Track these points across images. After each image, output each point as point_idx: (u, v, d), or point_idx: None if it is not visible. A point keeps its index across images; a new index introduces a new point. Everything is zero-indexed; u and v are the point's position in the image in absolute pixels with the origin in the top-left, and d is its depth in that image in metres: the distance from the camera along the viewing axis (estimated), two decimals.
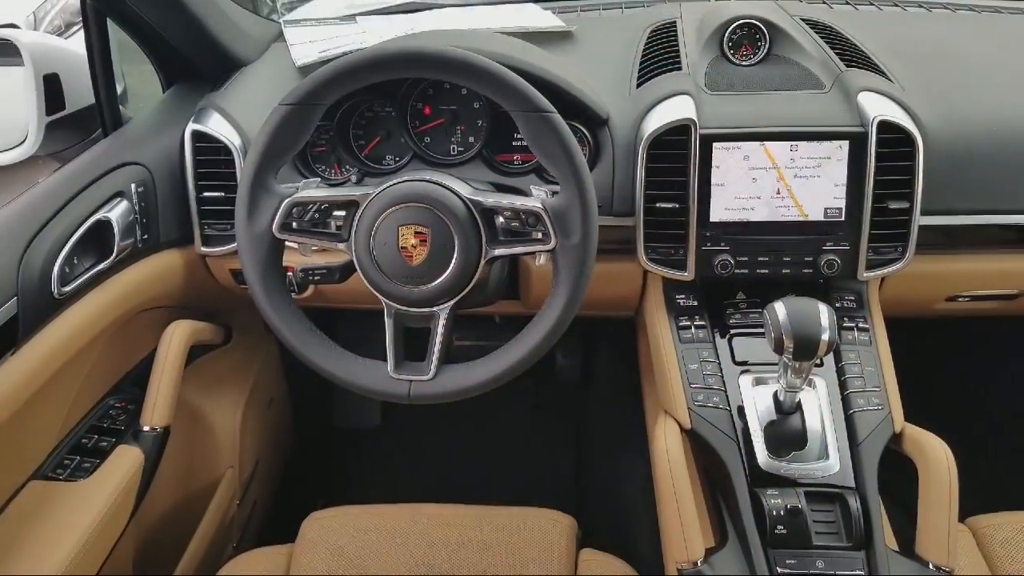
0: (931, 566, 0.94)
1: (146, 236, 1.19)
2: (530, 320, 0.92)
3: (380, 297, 0.94)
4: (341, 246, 0.95)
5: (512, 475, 1.81)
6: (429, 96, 1.20)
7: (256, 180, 0.93)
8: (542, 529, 1.14)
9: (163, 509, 1.36)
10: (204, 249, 1.24)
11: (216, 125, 1.20)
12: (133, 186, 1.16)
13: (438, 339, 0.93)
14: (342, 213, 0.94)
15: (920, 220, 1.08)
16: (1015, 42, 1.31)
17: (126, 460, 1.18)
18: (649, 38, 1.31)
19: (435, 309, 0.93)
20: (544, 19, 1.36)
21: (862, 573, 0.92)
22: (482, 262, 0.92)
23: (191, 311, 1.41)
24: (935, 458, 0.97)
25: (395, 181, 0.93)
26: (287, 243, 0.96)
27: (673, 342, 1.12)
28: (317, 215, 0.94)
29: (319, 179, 1.05)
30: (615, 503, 1.58)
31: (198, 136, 1.20)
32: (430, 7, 1.49)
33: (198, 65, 1.31)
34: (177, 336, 1.28)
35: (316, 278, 1.06)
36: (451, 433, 1.91)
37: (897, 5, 1.43)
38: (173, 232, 1.23)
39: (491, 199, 0.92)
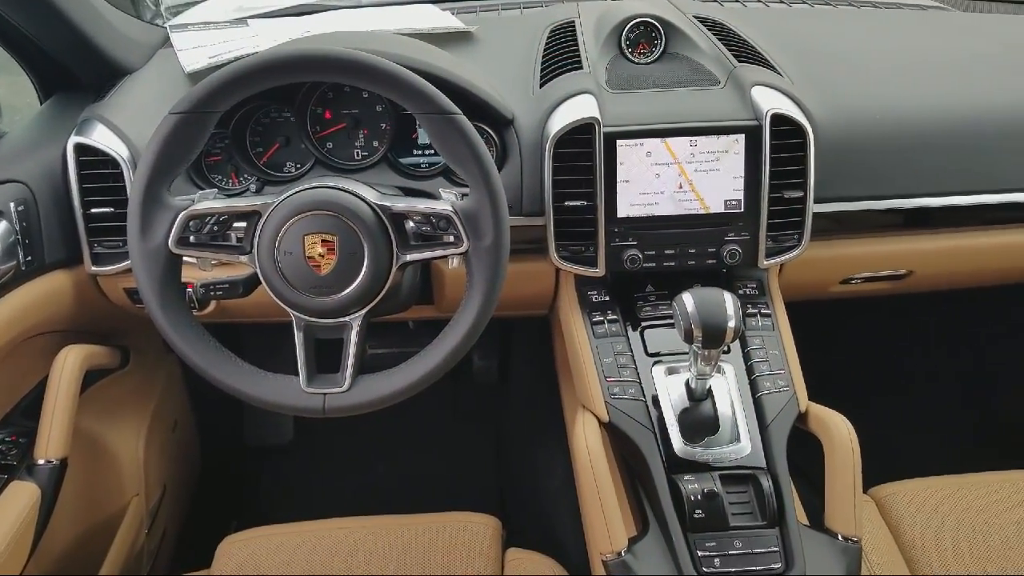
0: (840, 537, 0.98)
1: (30, 258, 1.11)
2: (446, 324, 0.91)
3: (288, 310, 0.91)
4: (243, 259, 0.91)
5: (433, 482, 1.80)
6: (329, 100, 1.17)
7: (148, 194, 0.88)
8: (466, 533, 1.13)
9: (65, 545, 1.28)
10: (95, 268, 1.17)
11: (101, 137, 1.13)
12: (12, 205, 1.08)
13: (351, 349, 0.91)
14: (243, 224, 0.91)
15: (814, 208, 1.13)
16: (892, 35, 1.39)
17: (20, 497, 1.11)
18: (549, 38, 1.32)
19: (347, 319, 0.91)
20: (443, 20, 1.35)
21: (776, 549, 0.95)
22: (393, 268, 0.90)
23: (84, 334, 1.33)
24: (838, 434, 1.01)
25: (298, 189, 0.90)
26: (185, 258, 0.92)
27: (587, 337, 1.14)
28: (216, 227, 0.91)
29: (216, 190, 1.01)
30: (538, 500, 1.59)
31: (82, 149, 1.13)
32: (325, 9, 1.45)
33: (78, 74, 1.24)
34: (70, 362, 1.21)
35: (218, 293, 1.02)
36: (369, 444, 1.87)
37: (783, 2, 1.49)
38: (59, 252, 1.16)
39: (400, 204, 0.91)
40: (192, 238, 0.90)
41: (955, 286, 1.49)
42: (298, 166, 1.19)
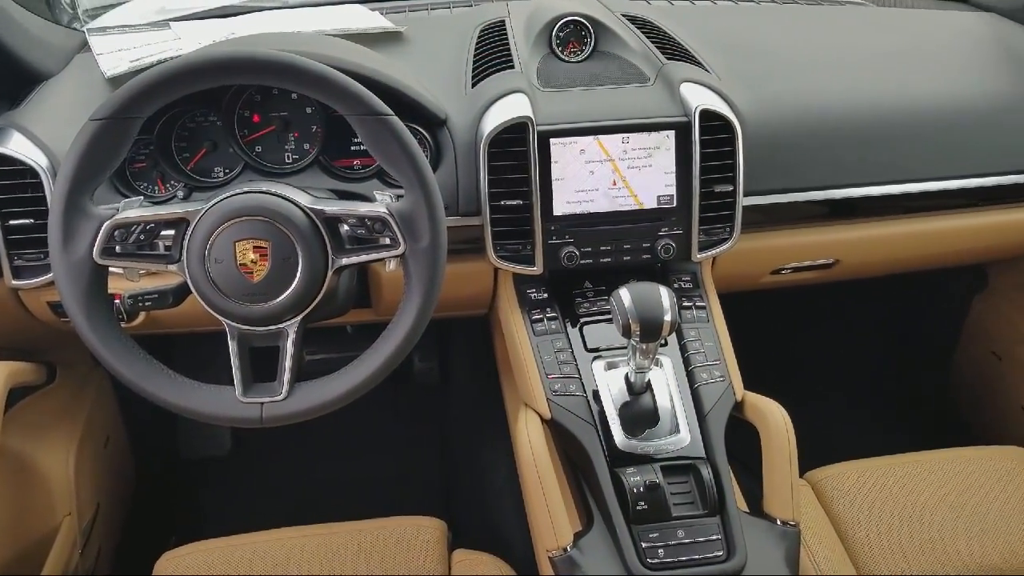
0: (778, 522, 1.01)
1: None
2: (385, 327, 0.90)
3: (221, 318, 0.89)
4: (172, 268, 0.89)
5: (377, 486, 1.78)
6: (257, 103, 1.15)
7: (69, 203, 0.85)
8: (412, 537, 1.13)
9: None
10: (15, 282, 1.12)
11: (17, 146, 1.09)
12: None
13: (288, 356, 0.89)
14: (171, 232, 0.88)
15: (743, 201, 1.16)
16: (814, 30, 1.44)
17: None
18: (480, 37, 1.32)
19: (282, 326, 0.89)
20: (372, 20, 1.34)
21: (718, 537, 0.97)
22: (329, 273, 0.89)
23: (6, 351, 1.28)
24: (773, 421, 1.04)
25: (227, 194, 0.88)
26: (111, 269, 0.89)
27: (528, 335, 1.14)
28: (142, 236, 0.88)
29: (141, 197, 0.98)
30: (483, 501, 1.59)
31: None
32: (251, 11, 1.42)
33: None
34: None
35: (147, 304, 0.99)
36: (309, 451, 1.84)
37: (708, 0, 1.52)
38: None
39: (333, 207, 0.89)
40: (118, 248, 0.87)
41: (879, 273, 1.55)
42: (227, 171, 1.16)
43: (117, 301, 1.00)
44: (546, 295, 1.18)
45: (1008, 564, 1.12)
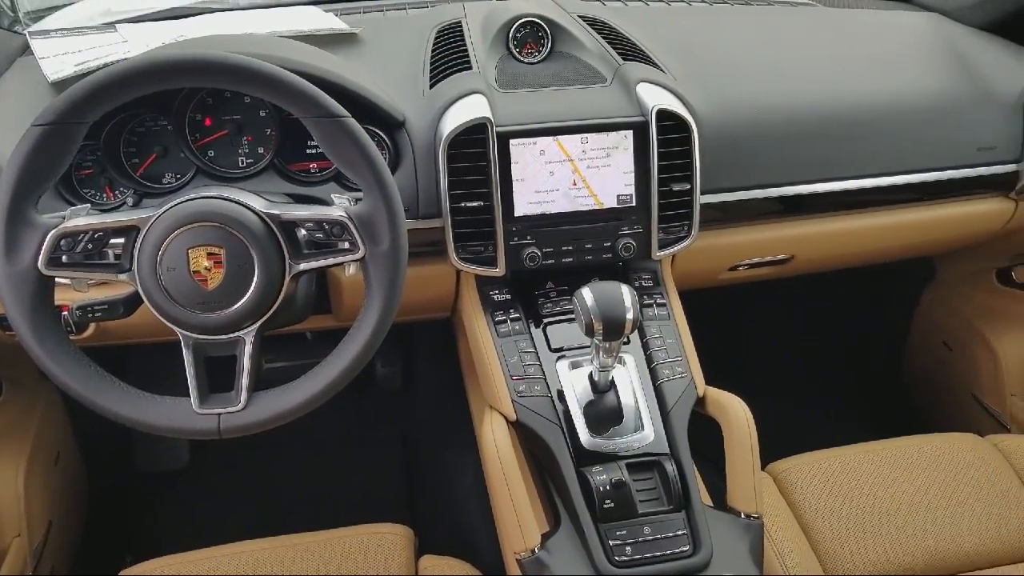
0: (742, 515, 1.02)
1: None
2: (345, 333, 0.89)
3: (174, 328, 0.87)
4: (123, 277, 0.86)
5: (342, 495, 1.76)
6: (208, 106, 1.12)
7: (12, 212, 0.82)
8: (378, 545, 1.11)
9: None
10: None
11: None
12: None
13: (246, 365, 0.87)
14: (120, 240, 0.86)
15: (701, 199, 1.17)
16: (766, 31, 1.46)
17: None
18: (437, 38, 1.31)
19: (239, 334, 0.87)
20: (327, 21, 1.32)
21: (684, 532, 0.98)
22: (286, 279, 0.87)
23: None
24: (735, 416, 1.05)
25: (179, 200, 0.86)
26: (58, 279, 0.86)
27: (491, 337, 1.14)
28: (90, 245, 0.85)
29: (89, 205, 0.95)
30: (450, 505, 1.58)
31: None
32: (200, 12, 1.39)
33: None
34: None
35: (97, 315, 0.96)
36: (271, 462, 1.81)
37: (663, 1, 1.54)
38: None
39: (289, 211, 0.88)
40: (64, 258, 0.84)
41: (833, 268, 1.58)
42: (178, 177, 1.13)
43: (65, 313, 0.97)
44: (509, 296, 1.18)
45: (966, 549, 1.14)
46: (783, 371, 2.07)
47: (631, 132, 1.14)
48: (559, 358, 1.12)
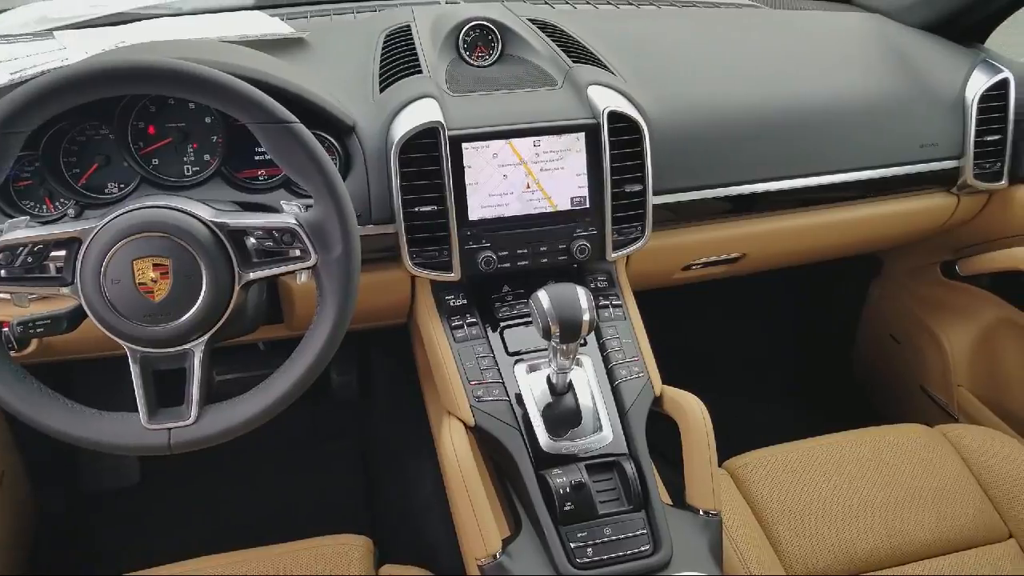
0: (701, 512, 1.03)
1: None
2: (298, 343, 0.88)
3: (120, 342, 0.84)
4: (65, 291, 0.84)
5: (300, 508, 1.73)
6: (152, 114, 1.09)
7: None
8: (337, 556, 1.10)
9: None
10: None
11: None
12: None
13: (196, 378, 0.85)
14: (62, 253, 0.83)
15: (653, 200, 1.18)
16: (713, 33, 1.48)
17: None
18: (386, 42, 1.30)
19: (188, 346, 0.85)
20: (272, 26, 1.30)
21: (644, 531, 0.98)
22: (236, 289, 0.85)
23: None
24: (691, 414, 1.06)
25: (122, 211, 0.83)
26: None
27: (448, 342, 1.13)
28: (30, 259, 0.82)
29: (28, 217, 0.92)
30: (409, 514, 1.57)
31: None
32: (142, 18, 1.36)
33: None
34: None
35: (39, 330, 0.93)
36: (225, 475, 1.77)
37: (610, 3, 1.55)
38: None
39: (238, 219, 0.86)
40: (3, 272, 0.82)
41: (783, 265, 1.61)
42: (122, 186, 1.10)
43: (5, 329, 0.94)
44: (465, 301, 1.17)
45: (920, 538, 1.17)
46: (738, 368, 2.10)
47: (583, 134, 1.14)
48: (517, 362, 1.12)
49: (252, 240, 0.86)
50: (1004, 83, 1.39)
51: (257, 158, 1.13)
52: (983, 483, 1.24)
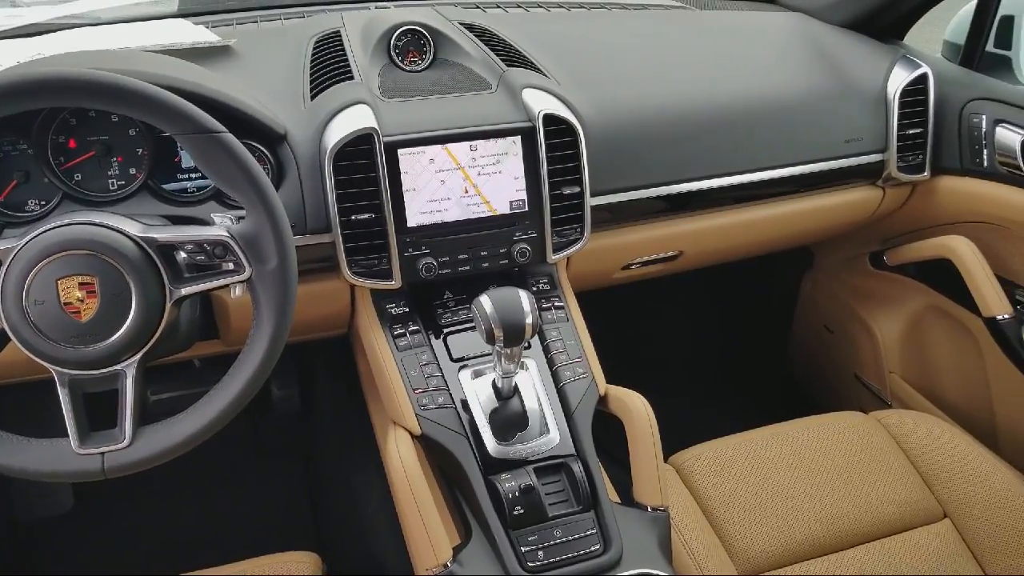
0: (649, 509, 1.04)
1: None
2: (235, 358, 0.85)
3: (47, 365, 0.81)
4: None
5: (245, 526, 1.68)
6: (72, 127, 1.05)
7: None
8: (285, 574, 1.07)
9: None
10: None
11: None
12: None
13: (128, 399, 0.82)
14: None
15: (591, 201, 1.19)
16: (644, 34, 1.50)
17: None
18: (315, 48, 1.28)
19: (119, 367, 0.82)
20: (197, 34, 1.26)
21: (594, 531, 0.99)
22: (168, 305, 0.83)
23: None
24: (636, 411, 1.07)
25: (44, 228, 0.80)
26: None
27: (391, 352, 1.11)
28: None
29: None
30: (357, 527, 1.55)
31: None
32: (60, 28, 1.31)
33: None
34: None
35: None
36: (164, 496, 1.72)
37: (541, 7, 1.56)
38: None
39: (167, 234, 0.83)
40: None
41: (720, 261, 1.64)
42: (43, 203, 1.06)
43: None
44: (407, 309, 1.16)
45: (860, 522, 1.20)
46: (679, 364, 2.13)
47: (519, 138, 1.14)
48: (461, 368, 1.11)
49: (183, 254, 0.84)
50: (923, 78, 1.45)
51: (185, 170, 1.10)
52: (917, 466, 1.28)
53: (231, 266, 0.84)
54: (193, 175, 1.10)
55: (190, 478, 1.70)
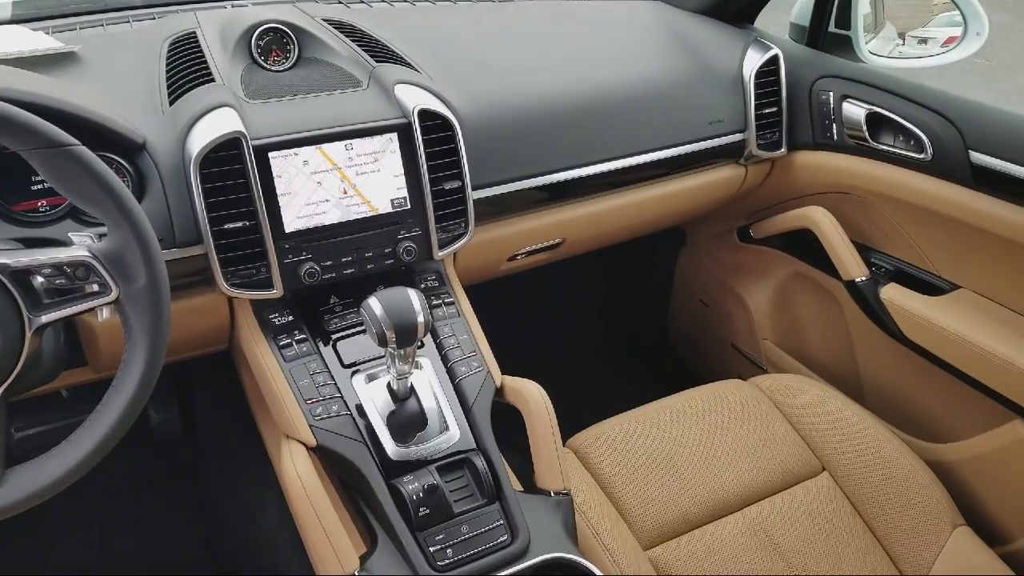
0: (551, 494, 1.06)
1: None
2: (108, 385, 0.80)
3: None
4: None
5: (134, 561, 1.59)
6: None
7: None
8: None
9: None
10: None
11: None
12: None
13: None
14: None
15: (473, 195, 1.19)
16: (509, 26, 1.51)
17: None
18: (170, 51, 1.21)
19: None
20: (36, 41, 1.17)
21: (500, 522, 0.99)
22: (28, 335, 0.76)
23: None
24: (532, 400, 1.08)
25: None
26: None
27: (277, 363, 1.07)
28: None
29: None
30: (255, 547, 1.49)
31: None
32: None
33: None
34: None
35: None
36: (45, 537, 1.59)
37: (406, 1, 1.54)
38: None
39: (20, 258, 0.77)
40: None
41: (600, 245, 1.69)
42: None
43: None
44: (291, 318, 1.12)
45: (749, 484, 1.27)
46: (570, 349, 2.17)
47: (395, 135, 1.12)
48: (354, 373, 1.09)
49: (40, 279, 0.77)
50: (775, 59, 1.53)
51: (35, 188, 1.01)
52: (795, 425, 1.36)
53: (95, 288, 0.78)
54: (45, 194, 1.02)
55: (72, 515, 1.59)
